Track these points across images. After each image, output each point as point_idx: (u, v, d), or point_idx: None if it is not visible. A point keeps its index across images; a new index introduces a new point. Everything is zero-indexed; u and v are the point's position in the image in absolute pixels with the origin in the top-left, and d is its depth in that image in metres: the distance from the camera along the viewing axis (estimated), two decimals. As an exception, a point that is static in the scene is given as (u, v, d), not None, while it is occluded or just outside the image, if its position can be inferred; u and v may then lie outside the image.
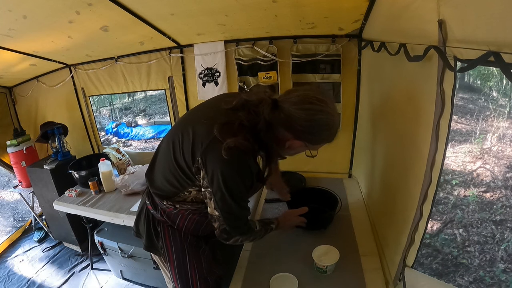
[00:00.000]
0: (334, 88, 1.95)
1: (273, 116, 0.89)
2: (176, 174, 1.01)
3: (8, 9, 1.38)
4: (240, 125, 0.89)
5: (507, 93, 5.45)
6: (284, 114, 0.87)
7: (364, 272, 1.29)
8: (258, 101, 0.93)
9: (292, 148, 0.96)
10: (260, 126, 0.90)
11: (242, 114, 0.90)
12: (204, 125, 0.94)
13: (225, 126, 0.88)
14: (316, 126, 0.88)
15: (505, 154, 4.30)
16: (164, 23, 1.75)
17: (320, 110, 0.87)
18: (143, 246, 1.24)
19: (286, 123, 0.88)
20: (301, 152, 1.04)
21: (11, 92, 2.97)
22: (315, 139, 0.94)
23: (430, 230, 3.10)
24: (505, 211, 3.26)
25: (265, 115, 0.89)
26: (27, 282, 2.41)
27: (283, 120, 0.88)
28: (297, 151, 1.01)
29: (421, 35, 0.87)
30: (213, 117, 0.93)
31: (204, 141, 0.91)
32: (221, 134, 0.87)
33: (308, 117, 0.86)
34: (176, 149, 0.99)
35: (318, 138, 0.94)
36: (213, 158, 0.89)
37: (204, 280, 1.22)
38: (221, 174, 0.89)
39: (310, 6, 1.44)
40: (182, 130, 0.99)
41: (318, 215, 1.63)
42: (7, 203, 4.15)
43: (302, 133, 0.89)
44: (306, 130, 0.88)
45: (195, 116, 1.04)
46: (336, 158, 2.20)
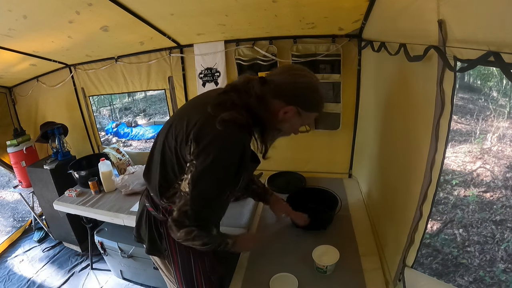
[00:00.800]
0: (334, 88, 1.95)
1: (263, 90, 0.93)
2: (170, 163, 0.99)
3: (8, 9, 1.38)
4: (232, 104, 0.90)
5: (507, 93, 5.45)
6: (273, 85, 0.93)
7: (364, 272, 1.29)
8: (246, 81, 0.96)
9: (286, 119, 0.96)
10: (252, 101, 0.92)
11: (233, 94, 0.93)
12: (197, 109, 0.95)
13: (218, 105, 0.90)
14: (302, 88, 0.94)
15: (505, 154, 4.30)
16: (164, 23, 1.75)
17: (303, 75, 0.95)
18: (145, 250, 1.23)
19: (275, 91, 0.93)
20: (297, 128, 1.03)
21: (11, 92, 2.97)
22: (305, 103, 0.96)
23: (430, 230, 3.10)
24: (505, 211, 3.26)
25: (256, 91, 0.93)
26: (27, 282, 2.41)
27: (273, 89, 0.93)
28: (292, 124, 1.00)
29: (421, 35, 0.87)
30: (206, 102, 0.93)
31: (199, 119, 0.91)
32: (214, 111, 0.88)
33: (293, 79, 0.94)
34: (170, 137, 0.98)
35: (308, 102, 0.96)
36: (206, 130, 0.88)
37: (208, 279, 1.21)
38: (211, 145, 0.86)
39: (310, 6, 1.44)
40: (175, 120, 0.99)
41: (318, 215, 1.63)
42: (7, 203, 4.15)
43: (292, 96, 0.93)
44: (294, 93, 0.94)
45: (187, 108, 1.05)
46: (336, 158, 2.20)
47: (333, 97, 1.97)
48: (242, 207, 1.85)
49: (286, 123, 0.98)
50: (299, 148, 2.23)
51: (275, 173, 2.22)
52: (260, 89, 0.93)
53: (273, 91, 0.93)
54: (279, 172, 2.24)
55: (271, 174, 2.21)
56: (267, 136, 1.00)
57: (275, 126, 1.00)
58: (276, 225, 1.65)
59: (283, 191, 1.97)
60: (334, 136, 2.10)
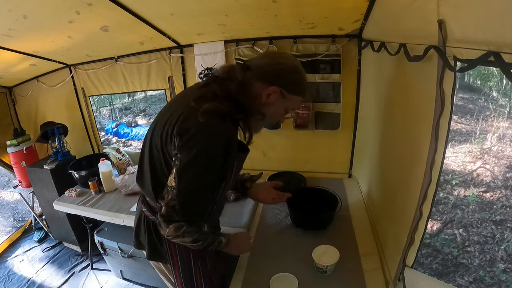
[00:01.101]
0: (334, 88, 1.95)
1: (245, 75, 0.93)
2: (159, 163, 0.98)
3: (8, 9, 1.38)
4: (213, 95, 0.90)
5: (507, 93, 5.45)
6: (255, 67, 0.94)
7: (364, 272, 1.29)
8: (227, 70, 0.96)
9: (270, 102, 0.95)
10: (234, 88, 0.91)
11: (214, 86, 0.93)
12: (179, 105, 0.94)
13: (199, 98, 0.90)
14: (283, 69, 0.95)
15: (505, 154, 4.30)
16: (164, 23, 1.75)
17: (284, 57, 0.98)
18: (146, 256, 1.20)
19: (257, 74, 0.94)
20: (281, 113, 1.02)
21: (11, 92, 2.97)
22: (288, 84, 0.95)
23: (430, 230, 3.10)
24: (505, 211, 3.26)
25: (238, 76, 0.93)
26: (27, 282, 2.41)
27: (255, 73, 0.94)
28: (275, 108, 0.98)
29: (421, 35, 0.87)
30: (188, 97, 0.93)
31: (181, 114, 0.90)
32: (197, 104, 0.88)
33: (273, 60, 0.95)
34: (155, 137, 0.97)
35: (290, 82, 0.95)
36: (189, 123, 0.87)
37: (209, 280, 1.21)
38: (194, 138, 0.85)
39: (310, 6, 1.44)
40: (159, 120, 0.98)
41: (318, 215, 1.64)
42: (7, 203, 4.15)
43: (274, 77, 0.93)
44: (276, 73, 0.94)
45: (170, 106, 1.03)
46: (336, 158, 2.20)
47: (333, 97, 1.97)
48: (242, 207, 1.85)
49: (270, 107, 0.96)
50: (299, 148, 2.23)
51: (275, 173, 2.22)
52: (242, 75, 0.93)
53: (255, 74, 0.94)
54: (279, 172, 2.23)
55: (271, 174, 2.21)
56: (251, 122, 0.99)
57: (259, 111, 0.96)
58: (276, 225, 1.66)
59: (283, 191, 1.97)
60: (334, 136, 2.10)
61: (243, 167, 1.18)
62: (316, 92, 2.00)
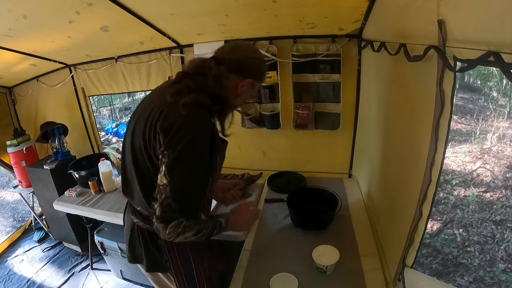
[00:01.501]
0: (334, 88, 1.95)
1: (219, 69, 0.96)
2: (144, 167, 0.95)
3: (8, 9, 1.38)
4: (189, 88, 0.92)
5: (507, 93, 5.45)
6: (228, 61, 0.97)
7: (364, 272, 1.29)
8: (199, 65, 0.98)
9: (242, 92, 1.01)
10: (209, 82, 0.94)
11: (187, 80, 0.94)
12: (156, 103, 0.93)
13: (176, 93, 0.90)
14: (255, 62, 1.02)
15: (505, 154, 4.30)
16: (164, 23, 1.75)
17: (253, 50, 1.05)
18: (145, 268, 1.14)
19: (232, 68, 0.97)
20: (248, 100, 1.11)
21: (11, 92, 2.97)
22: (258, 75, 1.04)
23: (430, 230, 3.10)
24: (505, 211, 3.26)
25: (212, 71, 0.95)
26: (27, 282, 2.41)
27: (229, 67, 0.97)
28: (244, 97, 1.06)
29: (421, 35, 0.87)
30: (163, 94, 0.94)
31: (162, 111, 0.89)
32: (174, 99, 0.88)
33: (246, 54, 1.00)
34: (136, 140, 0.95)
35: (260, 74, 1.05)
36: (172, 118, 0.86)
37: (209, 281, 1.20)
38: (180, 132, 0.84)
39: (310, 6, 1.44)
40: (137, 122, 0.97)
41: (318, 215, 1.64)
42: (7, 203, 4.15)
43: (248, 70, 0.99)
44: (250, 67, 1.00)
45: (145, 107, 1.00)
46: (336, 158, 2.20)
47: (333, 97, 1.98)
48: (242, 207, 1.85)
49: (241, 96, 1.04)
50: (299, 148, 2.23)
51: (275, 173, 2.22)
52: (216, 69, 0.96)
53: (229, 68, 0.97)
54: (279, 172, 2.24)
55: (271, 174, 2.21)
56: (225, 113, 1.04)
57: (232, 102, 1.04)
58: (276, 224, 1.66)
59: (283, 191, 1.98)
60: (334, 136, 2.10)
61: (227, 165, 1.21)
62: (316, 92, 2.01)
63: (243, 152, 2.38)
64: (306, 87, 2.00)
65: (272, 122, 2.11)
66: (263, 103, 2.11)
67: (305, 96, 2.01)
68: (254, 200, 1.92)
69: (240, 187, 1.43)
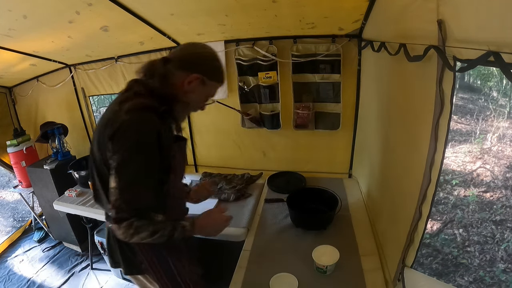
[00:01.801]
0: (334, 88, 1.95)
1: (165, 68, 0.97)
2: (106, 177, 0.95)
3: (8, 9, 1.38)
4: (135, 94, 0.94)
5: (507, 93, 5.45)
6: (175, 58, 0.99)
7: (364, 272, 1.29)
8: (149, 67, 0.98)
9: (192, 89, 0.99)
10: (156, 83, 0.95)
11: (135, 86, 0.97)
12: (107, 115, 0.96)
13: (122, 101, 0.93)
14: (203, 57, 1.01)
15: (505, 154, 4.30)
16: (164, 23, 1.75)
17: (202, 46, 1.04)
18: (123, 272, 1.14)
19: (178, 64, 0.98)
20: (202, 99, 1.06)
21: (11, 92, 2.97)
22: (208, 70, 1.00)
23: (430, 230, 3.10)
24: (505, 211, 3.26)
25: (159, 71, 0.96)
26: (27, 282, 2.41)
27: (175, 63, 0.98)
28: (197, 95, 1.02)
29: (421, 35, 0.87)
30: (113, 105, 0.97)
31: (109, 120, 0.91)
32: (120, 106, 0.91)
33: (193, 50, 1.02)
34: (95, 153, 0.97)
35: (210, 69, 1.01)
36: (116, 124, 0.88)
37: (195, 282, 1.19)
38: (123, 135, 0.87)
39: (310, 6, 1.45)
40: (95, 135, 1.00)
41: (318, 215, 1.64)
42: (7, 203, 4.15)
43: (194, 65, 0.98)
44: (196, 61, 0.99)
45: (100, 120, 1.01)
46: (336, 158, 2.20)
47: (333, 97, 1.98)
48: (242, 207, 1.85)
49: (192, 94, 1.01)
50: (299, 148, 2.23)
51: (275, 173, 2.22)
52: (163, 68, 0.97)
53: (175, 65, 0.98)
54: (279, 172, 2.24)
55: (271, 174, 2.21)
56: (177, 112, 1.01)
57: (183, 99, 1.01)
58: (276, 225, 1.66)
59: (283, 191, 1.98)
60: (334, 136, 2.10)
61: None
62: (316, 92, 2.01)
63: (243, 152, 2.38)
64: (306, 87, 2.00)
65: (272, 122, 2.11)
66: (263, 103, 2.11)
67: (305, 96, 2.01)
68: (254, 200, 1.92)
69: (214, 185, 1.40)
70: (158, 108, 0.92)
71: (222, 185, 2.09)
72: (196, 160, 2.57)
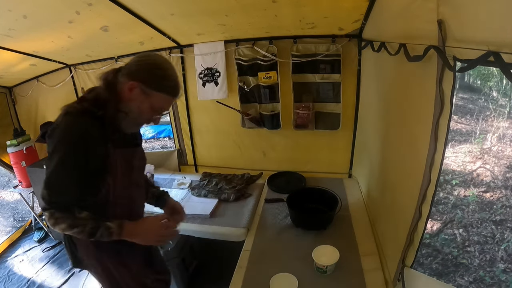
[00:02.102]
0: (334, 88, 1.95)
1: (115, 75, 0.99)
2: None
3: (8, 9, 1.38)
4: (80, 99, 0.99)
5: (507, 93, 5.45)
6: (124, 68, 1.00)
7: (364, 272, 1.29)
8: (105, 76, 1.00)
9: (132, 97, 0.96)
10: (102, 88, 0.97)
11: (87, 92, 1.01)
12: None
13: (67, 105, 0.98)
14: (145, 64, 0.98)
15: (505, 154, 4.30)
16: (164, 23, 1.75)
17: (150, 55, 1.04)
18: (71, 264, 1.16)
19: (123, 72, 0.98)
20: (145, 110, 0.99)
21: (11, 92, 2.97)
22: (148, 79, 0.96)
23: (430, 230, 3.10)
24: (505, 211, 3.26)
25: (108, 78, 0.98)
26: (27, 282, 2.41)
27: (122, 71, 0.98)
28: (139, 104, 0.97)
29: (421, 35, 0.87)
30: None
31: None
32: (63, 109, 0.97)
33: (137, 58, 1.00)
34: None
35: (150, 78, 0.96)
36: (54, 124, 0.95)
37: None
38: (53, 135, 0.93)
39: (310, 6, 1.45)
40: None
41: (318, 215, 1.64)
42: (7, 203, 4.15)
43: (135, 71, 0.97)
44: (136, 68, 0.97)
45: None
46: (336, 158, 2.20)
47: (333, 97, 1.98)
48: (242, 207, 1.85)
49: (133, 103, 0.97)
50: (299, 148, 2.23)
51: (275, 173, 2.22)
52: (112, 76, 0.98)
53: (122, 73, 0.98)
54: (279, 172, 2.24)
55: (271, 174, 2.21)
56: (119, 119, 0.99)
57: (126, 108, 0.98)
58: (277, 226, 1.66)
59: (283, 191, 1.98)
60: (334, 136, 2.10)
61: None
62: (316, 92, 2.01)
63: (243, 152, 2.38)
64: (306, 87, 2.00)
65: (272, 122, 2.11)
66: (263, 103, 2.11)
67: (305, 96, 2.01)
68: (254, 200, 1.92)
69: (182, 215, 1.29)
70: (96, 113, 0.95)
71: (222, 185, 2.09)
72: (196, 160, 2.57)
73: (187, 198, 1.99)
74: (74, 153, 0.92)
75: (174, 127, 2.52)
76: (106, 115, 0.96)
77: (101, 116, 0.95)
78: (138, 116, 1.01)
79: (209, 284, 2.00)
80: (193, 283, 1.98)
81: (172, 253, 1.78)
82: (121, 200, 1.08)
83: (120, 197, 1.07)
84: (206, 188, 2.08)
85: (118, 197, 1.06)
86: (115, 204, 1.06)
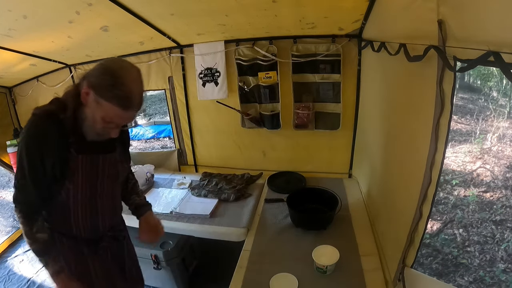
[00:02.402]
0: (334, 88, 1.95)
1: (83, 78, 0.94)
2: None
3: (8, 9, 1.38)
4: (51, 101, 0.98)
5: (507, 93, 5.45)
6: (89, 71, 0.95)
7: (364, 272, 1.29)
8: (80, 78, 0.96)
9: (87, 104, 0.91)
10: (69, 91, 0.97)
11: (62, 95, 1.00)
12: None
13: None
14: (97, 69, 0.91)
15: (505, 154, 4.30)
16: (164, 23, 1.75)
17: (113, 60, 0.94)
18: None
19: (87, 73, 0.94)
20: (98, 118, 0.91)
21: (11, 92, 2.97)
22: (98, 86, 0.88)
23: (430, 230, 3.10)
24: (505, 211, 3.26)
25: (78, 81, 0.97)
26: (27, 282, 2.41)
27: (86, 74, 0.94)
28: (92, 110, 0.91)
29: (421, 35, 0.87)
30: None
31: None
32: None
33: (102, 62, 0.93)
34: None
35: (100, 85, 0.88)
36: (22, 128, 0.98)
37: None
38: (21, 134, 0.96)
39: (310, 6, 1.45)
40: None
41: (318, 215, 1.64)
42: (7, 203, 4.15)
43: (90, 76, 0.91)
44: (91, 73, 0.92)
45: None
46: (336, 158, 2.20)
47: (333, 97, 1.98)
48: (242, 207, 1.85)
49: (88, 109, 0.92)
50: (299, 148, 2.23)
51: (275, 173, 2.22)
52: (81, 78, 0.95)
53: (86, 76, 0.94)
54: (279, 172, 2.24)
55: (271, 174, 2.21)
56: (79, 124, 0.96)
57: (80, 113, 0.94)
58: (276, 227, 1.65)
59: (283, 191, 1.98)
60: (334, 136, 2.10)
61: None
62: (316, 92, 2.01)
63: (243, 152, 2.38)
64: (306, 87, 2.00)
65: (272, 122, 2.11)
66: (263, 103, 2.11)
67: (305, 96, 2.01)
68: (254, 200, 1.92)
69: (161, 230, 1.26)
70: (59, 116, 0.94)
71: (222, 185, 2.09)
72: (196, 160, 2.57)
73: (187, 198, 1.99)
74: (29, 153, 0.94)
75: (174, 127, 2.52)
76: (65, 118, 0.94)
77: (62, 119, 0.94)
78: (93, 125, 0.94)
79: (209, 284, 2.00)
80: (193, 283, 1.98)
81: (172, 253, 1.78)
82: (83, 209, 1.03)
83: (82, 206, 1.03)
84: (206, 188, 2.08)
85: (78, 205, 1.02)
86: (76, 212, 1.03)
